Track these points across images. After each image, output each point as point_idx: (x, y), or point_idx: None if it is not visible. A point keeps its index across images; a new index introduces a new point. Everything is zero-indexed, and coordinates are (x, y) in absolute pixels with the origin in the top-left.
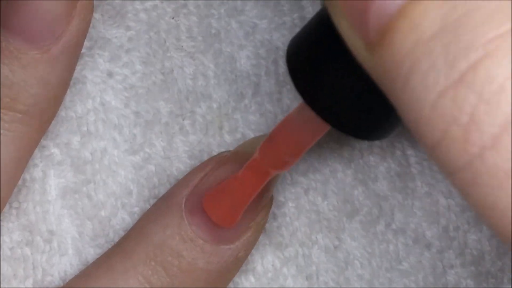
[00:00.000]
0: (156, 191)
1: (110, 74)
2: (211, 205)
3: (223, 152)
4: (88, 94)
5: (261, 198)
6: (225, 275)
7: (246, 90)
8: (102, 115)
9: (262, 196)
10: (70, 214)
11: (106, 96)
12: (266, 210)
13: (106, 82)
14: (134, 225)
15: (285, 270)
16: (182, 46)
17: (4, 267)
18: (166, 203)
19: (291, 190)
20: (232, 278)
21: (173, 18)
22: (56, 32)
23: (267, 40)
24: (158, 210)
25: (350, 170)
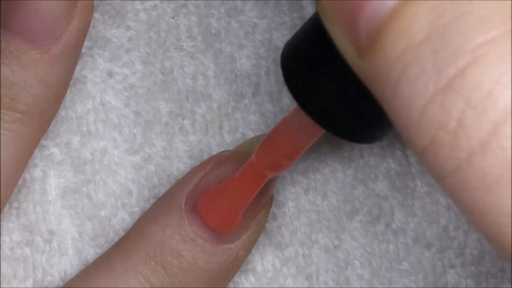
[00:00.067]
0: (156, 191)
1: (110, 74)
2: (206, 210)
3: (223, 151)
4: (88, 94)
5: (260, 198)
6: (225, 275)
7: (246, 90)
8: (102, 115)
9: (262, 195)
10: (70, 214)
11: (106, 96)
12: (266, 209)
13: (106, 82)
14: (134, 224)
15: (285, 270)
16: (182, 46)
17: (4, 267)
18: (166, 203)
19: (291, 190)
20: (232, 277)
21: (173, 18)
22: (56, 32)
23: (267, 40)
24: (158, 209)
25: (350, 170)
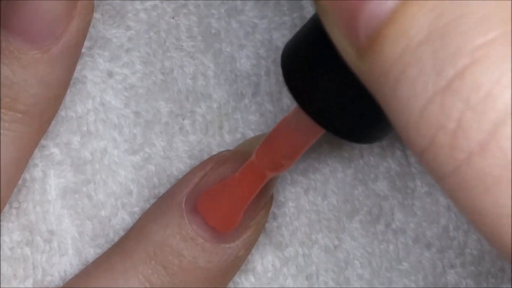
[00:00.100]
0: (156, 191)
1: (110, 74)
2: (206, 209)
3: (223, 151)
4: (88, 94)
5: (261, 198)
6: (225, 274)
7: (246, 90)
8: (102, 115)
9: (262, 195)
10: (70, 214)
11: (106, 96)
12: (266, 209)
13: (106, 82)
14: (134, 224)
15: (285, 270)
16: (182, 46)
17: (4, 267)
18: (166, 202)
19: (291, 190)
20: (232, 277)
21: (173, 18)
22: (56, 32)
23: (267, 40)
24: (158, 209)
25: (350, 170)
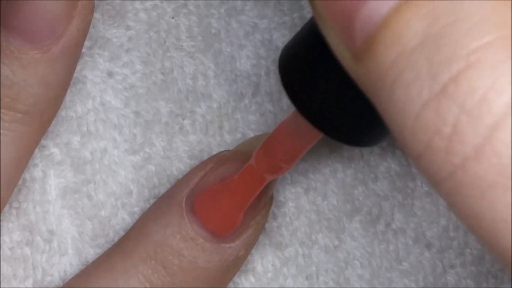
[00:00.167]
0: (156, 191)
1: (110, 74)
2: (205, 211)
3: (223, 151)
4: (88, 94)
5: (260, 198)
6: (225, 274)
7: (246, 90)
8: (102, 115)
9: (262, 196)
10: (70, 214)
11: (106, 96)
12: (266, 209)
13: (106, 82)
14: (134, 224)
15: (285, 270)
16: (182, 46)
17: (4, 267)
18: (166, 202)
19: (291, 190)
20: (232, 277)
21: (173, 18)
22: (56, 32)
23: (267, 40)
24: (158, 209)
25: (350, 170)
